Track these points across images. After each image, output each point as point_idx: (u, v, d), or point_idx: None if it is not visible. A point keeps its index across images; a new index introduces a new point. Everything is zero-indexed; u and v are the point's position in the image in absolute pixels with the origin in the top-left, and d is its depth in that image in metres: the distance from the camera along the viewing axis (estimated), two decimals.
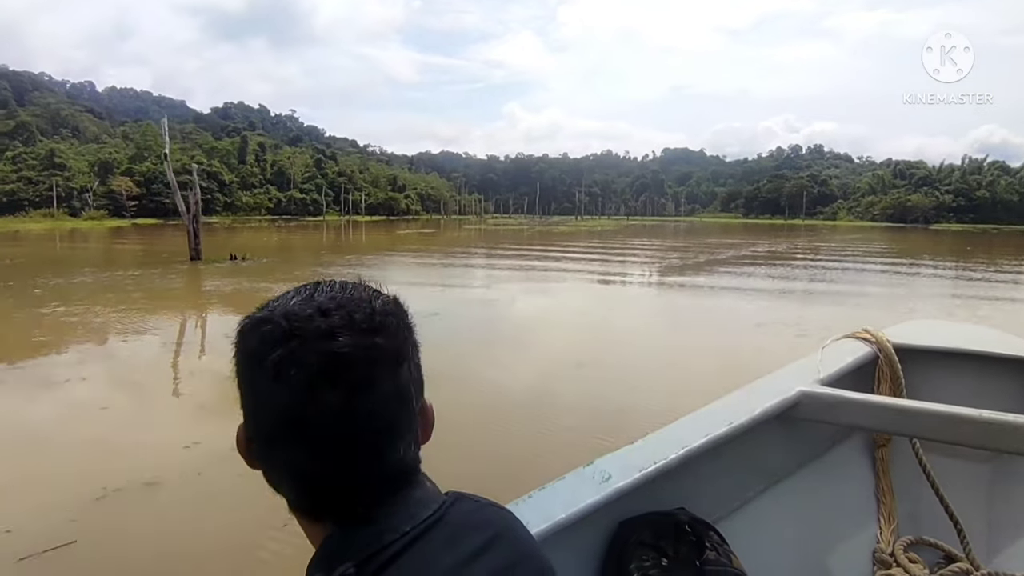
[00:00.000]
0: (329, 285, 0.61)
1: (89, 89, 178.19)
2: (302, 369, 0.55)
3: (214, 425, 4.93)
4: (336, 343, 0.55)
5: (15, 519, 3.55)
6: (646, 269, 21.65)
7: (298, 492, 0.60)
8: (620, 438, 1.48)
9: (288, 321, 0.56)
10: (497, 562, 0.62)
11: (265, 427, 0.58)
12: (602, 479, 1.24)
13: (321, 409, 0.55)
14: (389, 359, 0.59)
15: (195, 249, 20.34)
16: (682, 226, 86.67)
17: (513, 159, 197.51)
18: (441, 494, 0.65)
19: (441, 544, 0.60)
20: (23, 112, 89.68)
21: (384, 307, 0.61)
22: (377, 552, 0.57)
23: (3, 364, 7.35)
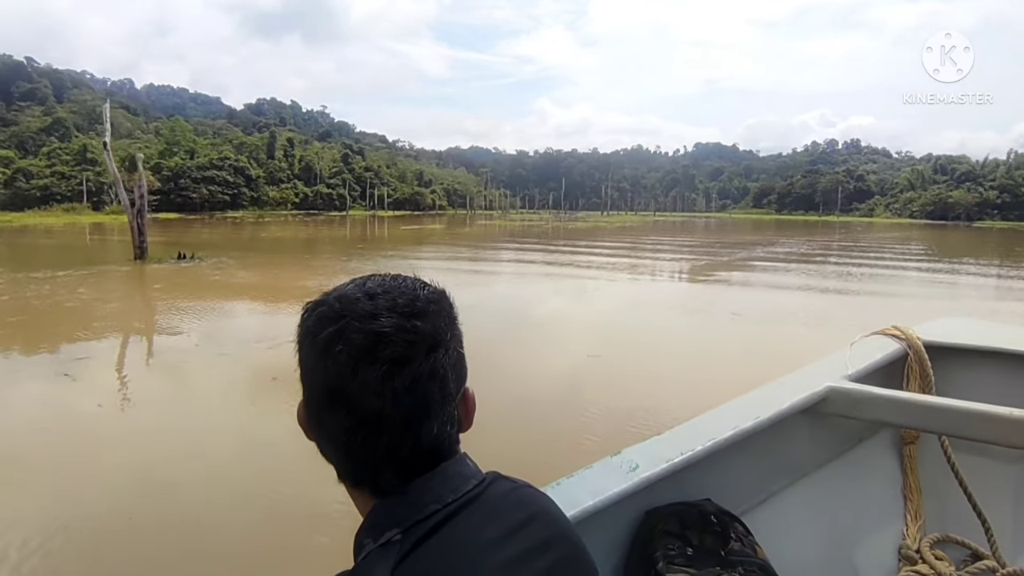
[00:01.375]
0: (382, 276, 0.67)
1: (128, 86, 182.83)
2: (347, 346, 0.59)
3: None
4: (378, 323, 0.60)
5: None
6: (658, 274, 20.10)
7: (342, 460, 0.64)
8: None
9: (339, 303, 0.62)
10: (534, 540, 0.65)
11: (316, 398, 0.62)
12: (629, 468, 1.25)
13: (361, 382, 0.59)
14: (426, 342, 0.62)
15: (139, 247, 18.69)
16: (711, 223, 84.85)
17: (542, 154, 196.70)
18: (481, 472, 0.69)
19: (481, 518, 0.64)
20: (60, 109, 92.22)
21: (427, 295, 0.66)
22: (421, 521, 0.62)
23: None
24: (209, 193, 77.28)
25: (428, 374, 0.62)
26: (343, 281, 0.67)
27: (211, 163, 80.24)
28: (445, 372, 0.64)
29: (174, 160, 77.58)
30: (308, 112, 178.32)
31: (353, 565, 0.65)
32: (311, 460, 0.63)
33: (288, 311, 9.93)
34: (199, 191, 75.99)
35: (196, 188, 75.92)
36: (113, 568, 3.30)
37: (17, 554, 3.27)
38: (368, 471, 0.64)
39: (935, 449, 1.82)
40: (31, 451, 4.77)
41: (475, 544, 0.62)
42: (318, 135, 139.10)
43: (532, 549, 0.64)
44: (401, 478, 0.64)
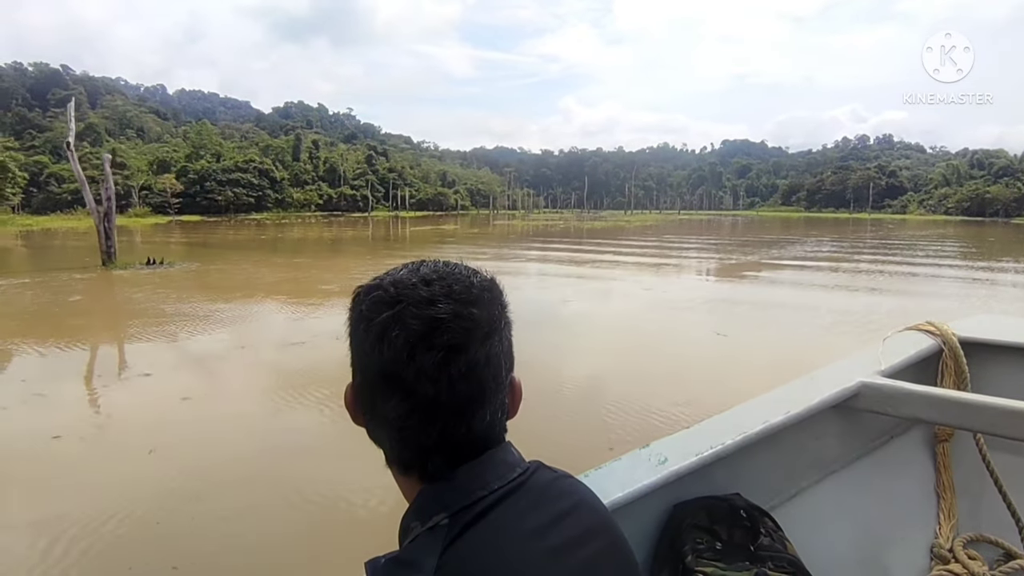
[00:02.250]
0: (433, 262, 0.67)
1: (160, 92, 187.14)
2: (404, 331, 0.60)
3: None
4: (435, 309, 0.61)
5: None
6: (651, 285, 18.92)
7: (395, 444, 0.64)
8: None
9: (395, 288, 0.62)
10: (577, 529, 0.66)
11: (369, 383, 0.63)
12: (658, 462, 1.25)
13: (418, 368, 0.60)
14: (482, 329, 0.63)
15: (106, 252, 17.74)
16: (736, 221, 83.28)
17: (566, 153, 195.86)
18: (524, 461, 0.69)
19: (526, 506, 0.65)
20: (93, 115, 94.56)
21: (481, 283, 0.66)
22: (468, 506, 0.62)
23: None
24: (234, 195, 78.37)
25: (483, 361, 0.63)
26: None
27: (236, 166, 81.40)
28: (498, 360, 0.65)
29: (200, 163, 78.88)
30: (335, 115, 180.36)
31: (398, 547, 0.66)
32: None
33: (246, 346, 8.63)
34: (224, 193, 77.12)
35: (221, 190, 77.07)
36: None
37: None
38: (420, 456, 0.64)
39: (969, 447, 1.80)
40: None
41: (521, 531, 0.63)
42: (343, 137, 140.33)
43: (576, 538, 0.65)
44: (451, 464, 0.64)
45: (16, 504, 4.17)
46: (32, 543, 3.57)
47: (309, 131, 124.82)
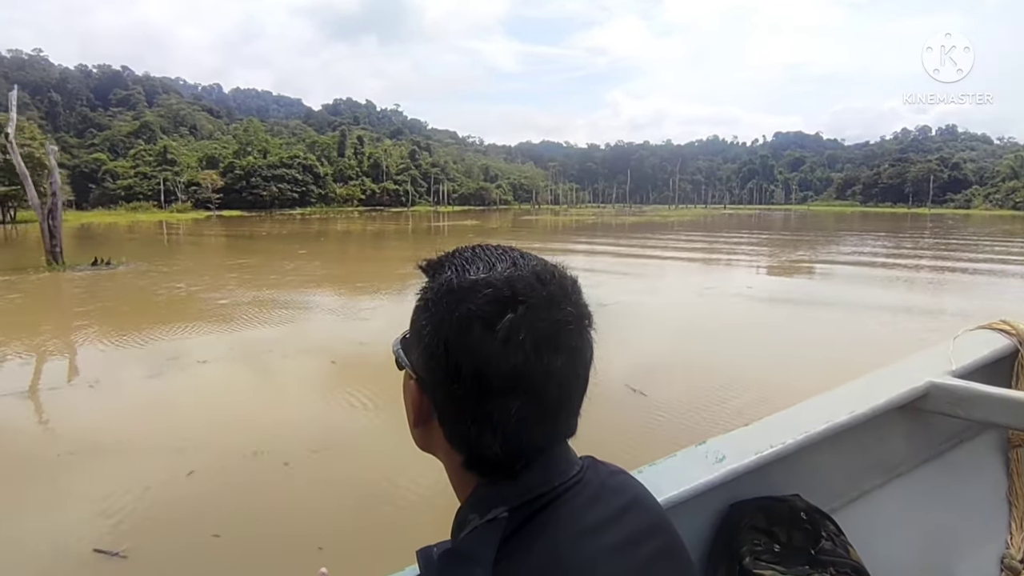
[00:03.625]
0: (501, 250, 0.65)
1: (217, 91, 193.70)
2: (531, 333, 0.59)
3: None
4: (559, 311, 0.61)
5: None
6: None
7: (490, 444, 0.62)
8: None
9: (511, 287, 0.60)
10: (635, 526, 0.66)
11: (478, 384, 0.60)
12: (715, 459, 1.24)
13: (545, 370, 0.59)
14: (588, 327, 0.64)
15: (51, 251, 16.85)
16: (785, 216, 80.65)
17: (612, 147, 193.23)
18: (579, 458, 0.69)
19: (585, 502, 0.64)
20: (148, 113, 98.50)
21: (574, 278, 0.66)
22: (529, 501, 0.62)
23: None
24: (279, 191, 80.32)
25: (589, 359, 0.64)
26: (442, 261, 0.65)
27: (281, 162, 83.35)
28: (592, 355, 0.66)
29: (247, 159, 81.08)
30: (382, 111, 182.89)
31: (451, 539, 0.66)
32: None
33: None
34: (269, 189, 79.10)
35: (266, 186, 79.07)
36: None
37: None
38: (516, 455, 0.63)
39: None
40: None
41: (579, 528, 0.63)
42: (389, 132, 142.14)
43: (634, 535, 0.65)
44: (533, 461, 0.64)
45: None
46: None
47: (356, 127, 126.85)
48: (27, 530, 3.90)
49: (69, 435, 5.46)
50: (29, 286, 14.35)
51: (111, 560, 3.56)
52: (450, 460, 0.67)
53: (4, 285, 14.06)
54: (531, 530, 0.61)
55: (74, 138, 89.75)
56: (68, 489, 4.42)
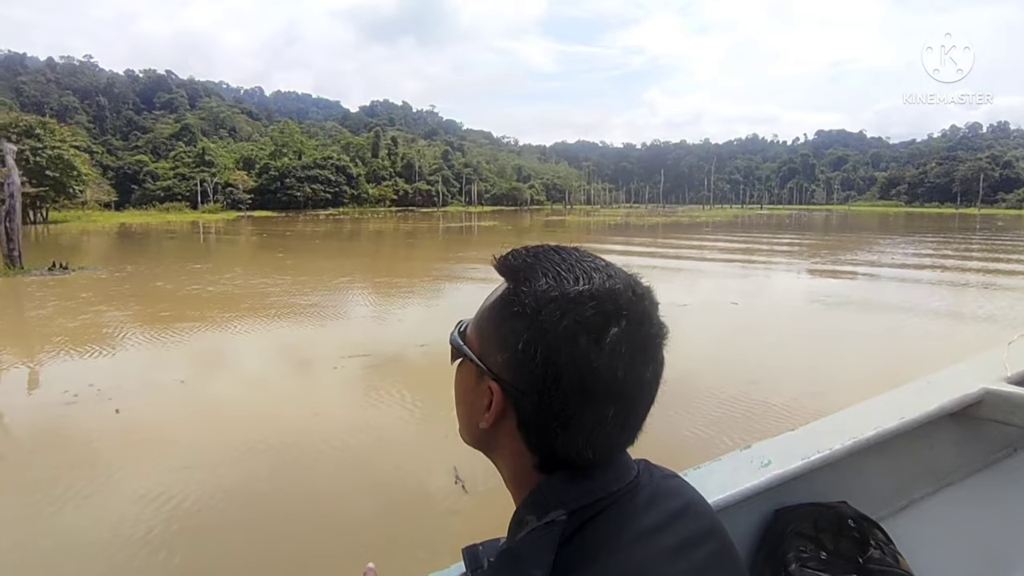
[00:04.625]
0: (589, 257, 0.67)
1: (258, 94, 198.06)
2: (630, 346, 0.61)
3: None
4: (651, 325, 0.63)
5: None
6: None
7: (574, 449, 0.63)
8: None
9: (614, 301, 0.61)
10: (690, 530, 0.67)
11: (581, 392, 0.61)
12: (761, 464, 1.22)
13: (638, 381, 0.62)
14: (666, 340, 0.66)
15: (9, 255, 16.48)
16: (823, 217, 78.38)
17: (648, 146, 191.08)
18: (634, 461, 0.70)
19: (642, 505, 0.66)
20: (189, 116, 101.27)
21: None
22: (588, 505, 0.63)
23: None
24: (312, 191, 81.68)
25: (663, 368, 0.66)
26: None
27: (315, 163, 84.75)
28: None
29: (282, 161, 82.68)
30: (418, 112, 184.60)
31: (507, 538, 0.68)
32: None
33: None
34: (303, 189, 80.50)
35: (300, 187, 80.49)
36: None
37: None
38: (598, 460, 0.65)
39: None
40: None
41: (636, 530, 0.64)
42: (424, 133, 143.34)
43: (690, 539, 0.66)
44: (600, 467, 0.66)
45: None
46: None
47: (391, 128, 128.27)
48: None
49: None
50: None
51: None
52: (518, 461, 0.68)
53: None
54: (589, 533, 0.62)
55: (119, 140, 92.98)
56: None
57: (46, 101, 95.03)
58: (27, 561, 3.75)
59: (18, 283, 14.86)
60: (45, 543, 3.94)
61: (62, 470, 4.91)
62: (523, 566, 0.61)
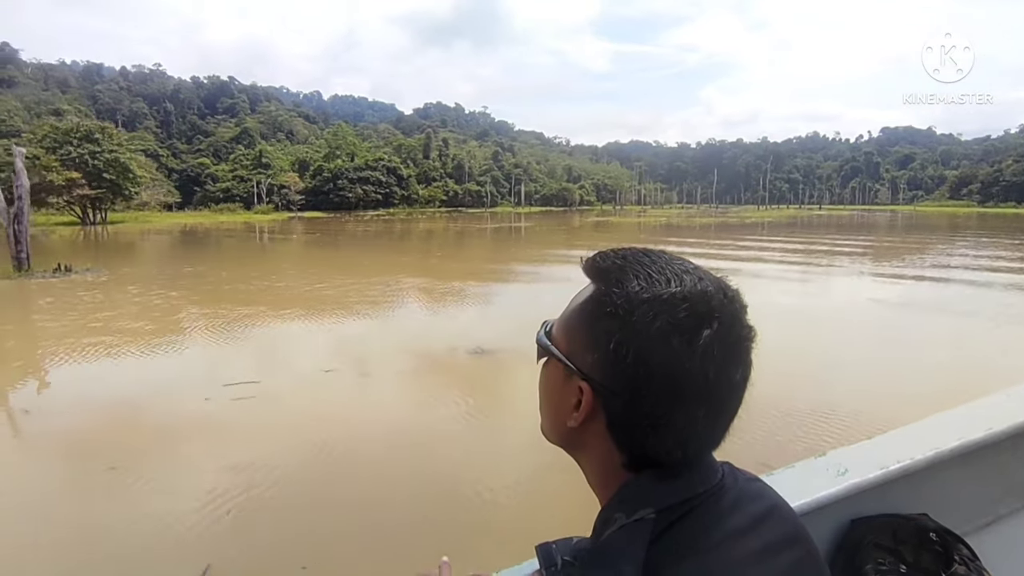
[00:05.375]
0: (678, 260, 0.67)
1: (316, 98, 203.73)
2: (722, 348, 0.62)
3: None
4: (742, 327, 0.64)
5: None
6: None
7: (666, 448, 0.64)
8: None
9: (707, 303, 0.62)
10: (774, 534, 0.67)
11: (673, 392, 0.62)
12: (837, 472, 1.19)
13: (729, 383, 0.63)
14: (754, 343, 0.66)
15: (17, 258, 16.64)
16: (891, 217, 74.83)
17: (703, 146, 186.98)
18: (718, 463, 0.71)
19: (727, 507, 0.66)
20: (249, 120, 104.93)
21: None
22: (676, 504, 0.64)
23: None
24: (363, 192, 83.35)
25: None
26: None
27: (366, 164, 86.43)
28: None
29: (336, 163, 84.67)
30: (470, 113, 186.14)
31: (592, 535, 0.69)
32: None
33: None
34: (354, 191, 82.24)
35: (352, 188, 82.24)
36: None
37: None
38: (687, 460, 0.66)
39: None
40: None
41: (724, 532, 0.64)
42: (476, 135, 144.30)
43: (775, 543, 0.66)
44: (688, 467, 0.66)
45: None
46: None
47: (443, 130, 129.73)
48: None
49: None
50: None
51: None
52: (605, 459, 0.68)
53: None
54: (677, 532, 0.63)
55: (183, 144, 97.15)
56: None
57: (118, 108, 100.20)
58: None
59: (23, 285, 15.18)
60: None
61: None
62: (615, 562, 0.62)
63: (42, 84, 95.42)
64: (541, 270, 19.48)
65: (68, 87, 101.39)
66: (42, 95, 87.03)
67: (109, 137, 48.05)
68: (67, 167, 43.94)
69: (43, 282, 15.58)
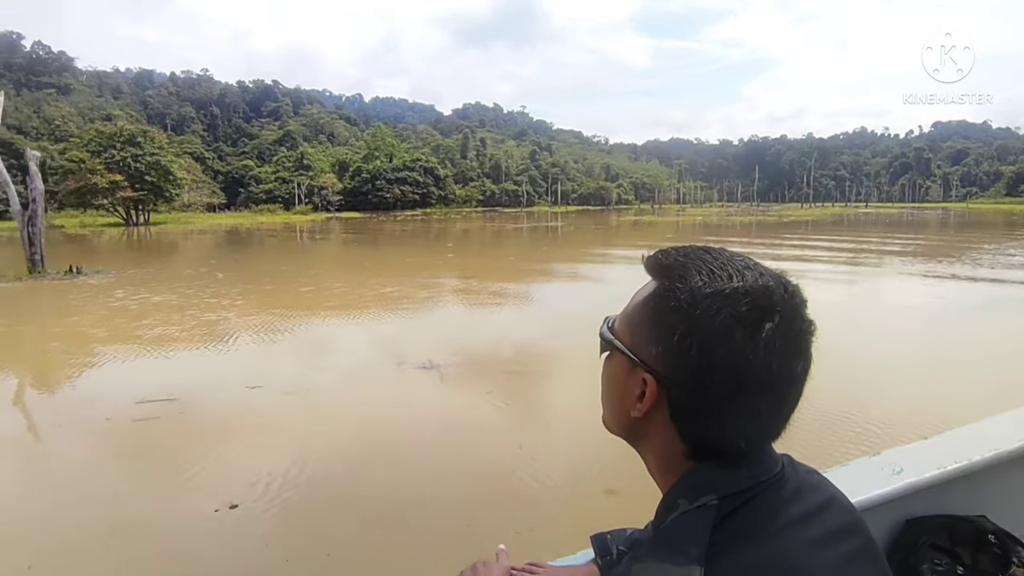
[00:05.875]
0: (739, 256, 0.69)
1: (358, 100, 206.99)
2: (783, 341, 0.63)
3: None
4: (802, 321, 0.66)
5: None
6: None
7: (728, 438, 0.66)
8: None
9: (768, 297, 0.64)
10: (834, 524, 0.68)
11: (736, 383, 0.64)
12: (892, 471, 1.18)
13: (790, 375, 0.65)
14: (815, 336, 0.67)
15: (31, 259, 16.79)
16: (942, 215, 72.07)
17: (746, 142, 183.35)
18: (777, 455, 0.72)
19: (786, 497, 0.67)
20: (292, 122, 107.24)
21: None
22: (738, 492, 0.66)
23: None
24: (401, 193, 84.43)
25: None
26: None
27: (404, 165, 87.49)
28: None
29: (374, 163, 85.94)
30: (508, 113, 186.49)
31: (654, 521, 0.72)
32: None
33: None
34: (392, 191, 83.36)
35: (390, 188, 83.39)
36: None
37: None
38: (748, 449, 0.67)
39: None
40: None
41: (785, 520, 0.65)
42: (513, 134, 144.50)
43: (835, 532, 0.67)
44: (750, 456, 0.68)
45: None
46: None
47: (481, 130, 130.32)
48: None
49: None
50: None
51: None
52: (668, 448, 0.70)
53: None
54: (740, 519, 0.64)
55: (229, 147, 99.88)
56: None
57: (167, 112, 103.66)
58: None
59: (38, 286, 15.47)
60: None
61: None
62: (680, 545, 0.64)
63: (96, 91, 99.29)
64: (583, 269, 19.40)
65: (120, 93, 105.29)
66: (95, 101, 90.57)
67: (151, 140, 49.80)
68: (111, 170, 45.83)
69: (49, 283, 15.75)
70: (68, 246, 29.76)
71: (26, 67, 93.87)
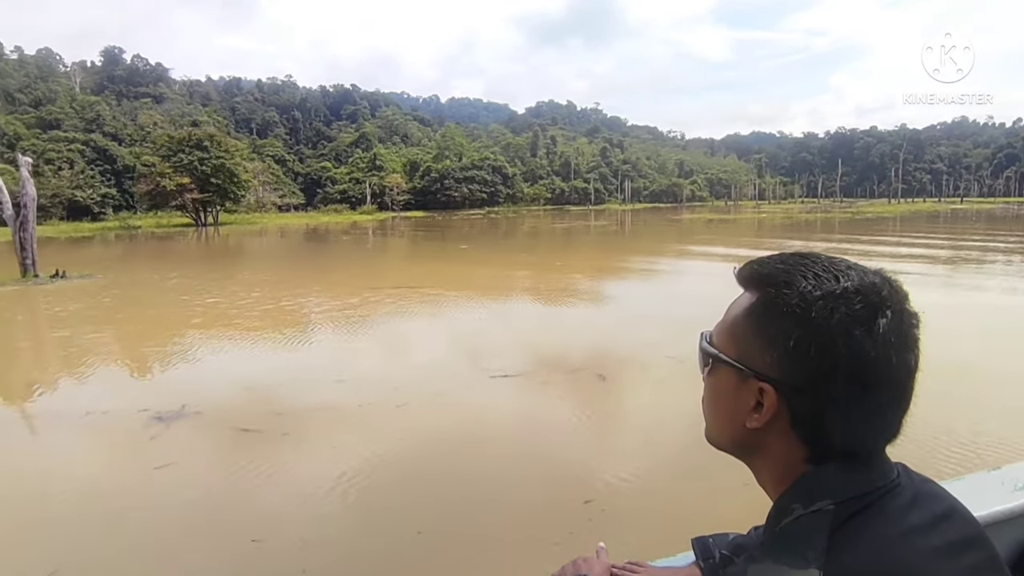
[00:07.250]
0: (839, 260, 0.69)
1: (435, 102, 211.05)
2: (899, 336, 0.64)
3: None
4: (911, 315, 0.66)
5: None
6: None
7: (851, 437, 0.66)
8: None
9: (878, 294, 0.65)
10: (955, 535, 0.66)
11: (860, 382, 0.64)
12: (1014, 487, 1.12)
13: (907, 368, 0.65)
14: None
15: (23, 263, 16.95)
16: None
17: (832, 135, 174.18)
18: (892, 462, 0.70)
19: (904, 504, 0.66)
20: (368, 124, 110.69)
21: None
22: (855, 498, 0.65)
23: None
24: (469, 192, 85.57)
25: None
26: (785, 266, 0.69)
27: (472, 164, 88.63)
28: None
29: (444, 163, 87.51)
30: (582, 110, 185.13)
31: (765, 525, 0.71)
32: None
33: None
34: (460, 190, 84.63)
35: (457, 187, 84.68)
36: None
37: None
38: (873, 449, 0.67)
39: None
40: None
41: (904, 528, 0.64)
42: (586, 131, 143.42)
43: (955, 544, 0.65)
44: (878, 452, 0.68)
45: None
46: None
47: (552, 127, 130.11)
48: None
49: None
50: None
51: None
52: (786, 455, 0.69)
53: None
54: (858, 524, 0.63)
55: (309, 149, 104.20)
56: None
57: (252, 117, 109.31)
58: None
59: (27, 291, 15.64)
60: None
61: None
62: (798, 548, 0.63)
63: (187, 99, 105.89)
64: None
65: (209, 100, 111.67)
66: (185, 108, 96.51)
67: (217, 144, 52.59)
68: (179, 173, 48.68)
69: (47, 287, 15.97)
70: (84, 250, 30.28)
71: (126, 79, 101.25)
